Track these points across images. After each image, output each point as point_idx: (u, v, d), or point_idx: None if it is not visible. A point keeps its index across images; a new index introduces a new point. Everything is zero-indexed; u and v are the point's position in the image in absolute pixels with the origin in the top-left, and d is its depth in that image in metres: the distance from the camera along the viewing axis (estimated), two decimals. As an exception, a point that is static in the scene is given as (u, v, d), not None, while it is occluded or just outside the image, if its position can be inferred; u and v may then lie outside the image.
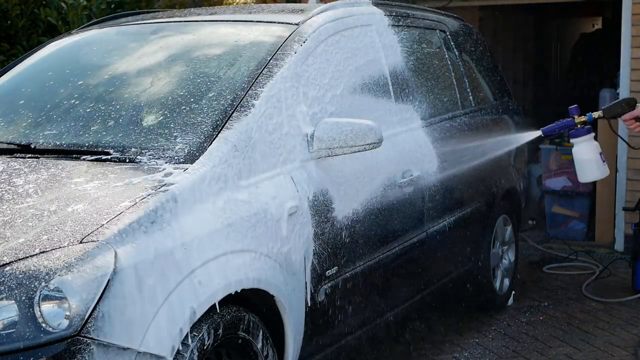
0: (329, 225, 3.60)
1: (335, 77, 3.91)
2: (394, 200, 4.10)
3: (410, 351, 4.81)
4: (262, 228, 3.22)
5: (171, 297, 2.77)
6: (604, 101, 7.35)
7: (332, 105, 3.82)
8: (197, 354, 2.88)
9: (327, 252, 3.59)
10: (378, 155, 3.98)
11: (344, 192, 3.71)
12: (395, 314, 4.29)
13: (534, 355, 4.76)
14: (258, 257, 3.18)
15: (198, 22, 4.23)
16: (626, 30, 6.79)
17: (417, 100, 4.56)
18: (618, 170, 6.91)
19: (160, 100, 3.55)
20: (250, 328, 3.15)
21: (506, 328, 5.23)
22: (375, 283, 3.99)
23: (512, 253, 5.76)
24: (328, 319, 3.64)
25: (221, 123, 3.30)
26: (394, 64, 4.42)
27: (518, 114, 6.05)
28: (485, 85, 5.63)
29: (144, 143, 3.28)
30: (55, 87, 3.85)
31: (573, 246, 7.05)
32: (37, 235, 2.69)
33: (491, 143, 5.09)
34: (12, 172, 3.16)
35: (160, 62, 3.82)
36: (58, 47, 4.34)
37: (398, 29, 4.60)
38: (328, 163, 3.66)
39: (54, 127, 3.52)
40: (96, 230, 2.69)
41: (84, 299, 2.55)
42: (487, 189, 5.25)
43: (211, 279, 2.93)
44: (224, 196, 3.12)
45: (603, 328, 5.21)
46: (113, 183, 2.97)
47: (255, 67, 3.61)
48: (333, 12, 4.12)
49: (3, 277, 2.54)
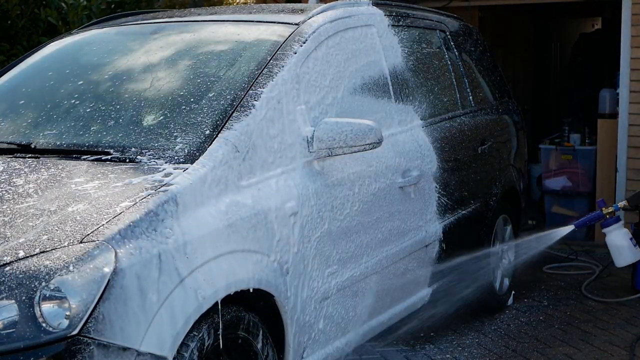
0: (329, 224, 3.60)
1: (335, 77, 3.91)
2: (394, 200, 4.10)
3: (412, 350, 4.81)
4: (262, 228, 3.23)
5: (171, 297, 2.77)
6: (604, 101, 7.36)
7: (332, 105, 3.83)
8: (197, 354, 2.88)
9: (328, 250, 3.59)
10: (378, 155, 3.98)
11: (344, 192, 3.71)
12: (395, 314, 4.29)
13: (534, 355, 4.76)
14: (258, 257, 3.18)
15: (198, 22, 4.23)
16: (626, 30, 6.80)
17: (417, 101, 4.56)
18: (618, 170, 6.92)
19: (160, 100, 3.56)
20: (250, 328, 3.15)
21: (506, 328, 5.24)
22: (375, 282, 3.99)
23: (512, 253, 5.76)
24: (329, 316, 3.65)
25: (221, 123, 3.30)
26: (394, 64, 4.42)
27: (518, 114, 6.05)
28: (485, 85, 5.63)
29: (144, 143, 3.29)
30: (56, 87, 3.85)
31: (573, 246, 7.05)
32: (37, 235, 2.69)
33: (532, 240, 5.38)
34: (12, 172, 3.16)
35: (160, 62, 3.83)
36: (58, 47, 4.34)
37: (398, 29, 4.60)
38: (328, 163, 3.66)
39: (54, 127, 3.52)
40: (96, 230, 2.69)
41: (84, 299, 2.55)
42: (487, 188, 5.25)
43: (211, 279, 2.93)
44: (224, 196, 3.12)
45: (603, 328, 5.21)
46: (113, 183, 2.97)
47: (256, 67, 3.61)
48: (333, 12, 4.12)
49: (3, 277, 2.55)
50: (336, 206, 3.65)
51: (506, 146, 5.62)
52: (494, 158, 5.36)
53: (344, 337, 3.83)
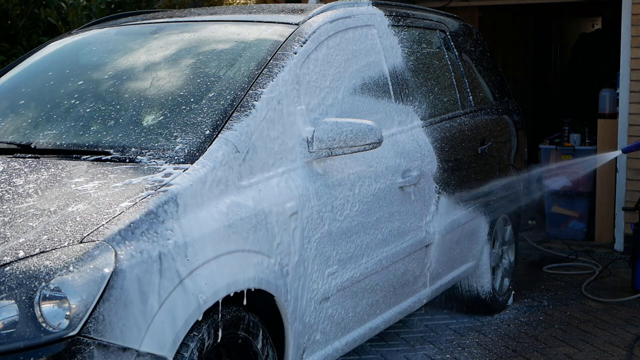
0: (329, 225, 3.60)
1: (335, 78, 3.91)
2: (394, 200, 4.10)
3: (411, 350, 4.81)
4: (262, 229, 3.22)
5: (171, 297, 2.77)
6: (604, 101, 7.36)
7: (332, 105, 3.83)
8: (197, 354, 2.88)
9: (328, 251, 3.59)
10: (378, 155, 3.98)
11: (344, 193, 3.71)
12: (395, 314, 4.29)
13: (534, 355, 4.76)
14: (258, 257, 3.18)
15: (198, 22, 4.23)
16: (626, 30, 6.80)
17: (417, 101, 4.56)
18: (618, 171, 6.92)
19: (160, 100, 3.56)
20: (250, 328, 3.15)
21: (506, 328, 5.24)
22: (375, 283, 3.99)
23: (512, 253, 5.76)
24: (329, 317, 3.65)
25: (221, 123, 3.30)
26: (394, 64, 4.42)
27: (518, 114, 6.05)
28: (485, 85, 5.63)
29: (144, 143, 3.29)
30: (56, 87, 3.85)
31: (573, 246, 7.05)
32: (37, 235, 2.69)
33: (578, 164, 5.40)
34: (12, 172, 3.16)
35: (160, 62, 3.82)
36: (58, 47, 4.34)
37: (398, 29, 4.60)
38: (329, 163, 3.66)
39: (54, 127, 3.52)
40: (96, 230, 2.69)
41: (84, 299, 2.55)
42: (487, 188, 5.25)
43: (212, 279, 2.93)
44: (224, 197, 3.12)
45: (603, 328, 5.21)
46: (113, 183, 2.97)
47: (255, 67, 3.61)
48: (333, 12, 4.12)
49: (3, 277, 2.55)
50: (336, 207, 3.65)
51: (506, 146, 5.62)
52: (494, 158, 5.36)
53: (344, 337, 3.83)
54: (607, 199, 7.16)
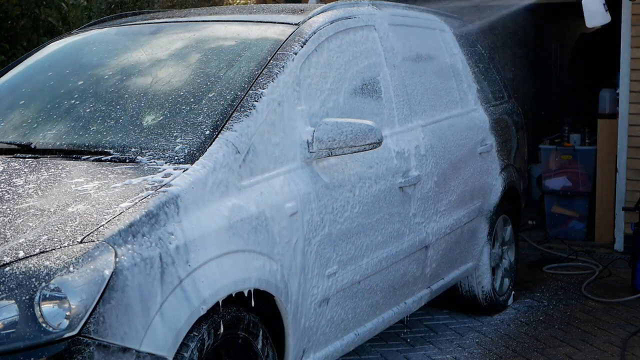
0: (329, 225, 3.60)
1: (335, 78, 3.91)
2: (394, 201, 4.10)
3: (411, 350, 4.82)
4: (262, 229, 3.22)
5: (171, 297, 2.77)
6: (604, 101, 7.36)
7: (332, 105, 3.82)
8: (197, 354, 2.88)
9: (328, 252, 3.59)
10: (378, 156, 3.98)
11: (344, 193, 3.71)
12: (395, 314, 4.29)
13: (534, 355, 4.76)
14: (258, 257, 3.18)
15: (198, 22, 4.23)
16: (626, 30, 6.80)
17: (418, 101, 4.56)
18: (618, 171, 6.92)
19: (160, 100, 3.55)
20: (250, 328, 3.15)
21: (506, 328, 5.24)
22: (374, 284, 3.99)
23: (512, 253, 5.76)
24: (329, 318, 3.64)
25: (221, 123, 3.30)
26: (394, 65, 4.41)
27: (518, 114, 6.05)
28: (485, 85, 5.63)
29: (144, 143, 3.28)
30: (56, 87, 3.85)
31: (573, 246, 7.05)
32: (37, 235, 2.69)
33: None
34: (12, 172, 3.16)
35: (160, 62, 3.82)
36: (58, 47, 4.34)
37: (398, 29, 4.60)
38: (329, 164, 3.66)
39: (54, 127, 3.52)
40: (96, 230, 2.69)
41: (84, 299, 2.55)
42: (487, 188, 5.25)
43: (212, 279, 2.93)
44: (224, 197, 3.12)
45: (603, 328, 5.21)
46: (113, 183, 2.97)
47: (255, 68, 3.61)
48: (333, 12, 4.12)
49: (3, 277, 2.55)
50: (336, 207, 3.65)
51: (506, 146, 5.62)
52: (494, 158, 5.36)
53: (344, 337, 3.83)
54: (607, 199, 7.16)
